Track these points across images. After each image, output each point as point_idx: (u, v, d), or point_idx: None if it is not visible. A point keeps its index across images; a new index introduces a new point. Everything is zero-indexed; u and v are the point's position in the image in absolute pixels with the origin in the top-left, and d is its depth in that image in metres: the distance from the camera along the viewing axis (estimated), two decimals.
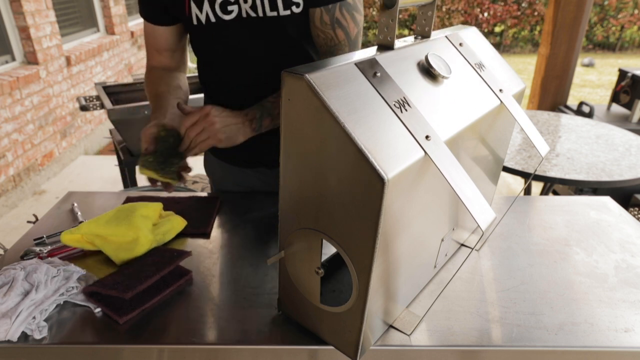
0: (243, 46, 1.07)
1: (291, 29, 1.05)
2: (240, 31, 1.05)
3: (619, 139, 2.29)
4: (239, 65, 1.11)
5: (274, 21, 1.02)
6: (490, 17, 8.69)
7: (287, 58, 1.08)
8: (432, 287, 0.89)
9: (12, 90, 3.02)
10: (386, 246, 0.62)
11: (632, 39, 8.87)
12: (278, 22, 1.03)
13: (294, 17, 1.02)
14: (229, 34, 1.05)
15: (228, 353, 0.75)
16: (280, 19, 1.02)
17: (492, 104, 0.80)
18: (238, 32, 1.05)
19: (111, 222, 0.97)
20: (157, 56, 1.19)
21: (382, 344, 0.75)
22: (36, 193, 3.30)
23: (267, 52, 1.07)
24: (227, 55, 1.10)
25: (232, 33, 1.05)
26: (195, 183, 3.37)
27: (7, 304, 0.76)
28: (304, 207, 0.66)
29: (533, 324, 0.79)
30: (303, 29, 1.06)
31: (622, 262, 0.97)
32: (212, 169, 1.38)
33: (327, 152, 0.59)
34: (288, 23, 1.03)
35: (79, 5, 4.34)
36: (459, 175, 0.62)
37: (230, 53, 1.09)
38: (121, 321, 0.77)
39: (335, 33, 1.03)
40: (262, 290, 0.87)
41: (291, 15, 1.02)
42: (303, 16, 1.03)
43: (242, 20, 1.03)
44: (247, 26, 1.04)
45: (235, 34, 1.05)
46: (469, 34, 0.90)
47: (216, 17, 1.03)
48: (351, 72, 0.62)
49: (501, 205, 1.20)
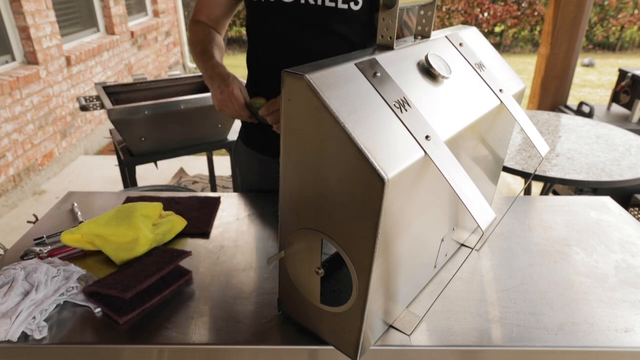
0: (295, 32, 1.08)
1: (343, 23, 1.07)
2: (294, 16, 1.06)
3: (619, 139, 2.28)
4: (288, 51, 1.12)
5: (330, 12, 1.04)
6: (490, 17, 8.69)
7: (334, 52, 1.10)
8: (432, 287, 0.89)
9: (12, 90, 3.02)
10: (386, 246, 0.62)
11: (632, 39, 8.87)
12: (333, 14, 1.05)
13: (350, 13, 1.05)
14: (284, 16, 1.06)
15: (228, 353, 0.75)
16: (336, 11, 1.04)
17: (492, 104, 0.80)
18: (292, 17, 1.06)
19: (111, 222, 0.97)
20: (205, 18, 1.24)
21: (382, 344, 0.75)
22: (36, 193, 3.30)
23: (317, 41, 1.09)
24: (278, 38, 1.11)
25: (286, 16, 1.06)
26: (195, 183, 3.37)
27: (7, 304, 0.76)
28: (304, 207, 0.66)
29: (533, 324, 0.79)
30: (355, 27, 1.08)
31: (622, 262, 0.97)
32: (240, 160, 1.39)
33: (327, 152, 0.59)
34: (342, 17, 1.05)
35: (79, 5, 4.33)
36: (459, 175, 0.62)
37: (281, 37, 1.10)
38: (121, 321, 0.77)
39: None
40: (262, 290, 0.87)
41: (348, 10, 1.04)
42: (359, 14, 1.06)
43: (299, 6, 1.04)
44: (302, 12, 1.05)
45: (290, 18, 1.06)
46: (469, 34, 0.90)
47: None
48: (351, 72, 0.62)
49: (501, 205, 1.20)
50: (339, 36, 1.09)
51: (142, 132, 2.16)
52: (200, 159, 3.75)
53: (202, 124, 2.30)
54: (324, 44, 1.09)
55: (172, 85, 2.57)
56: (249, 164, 1.34)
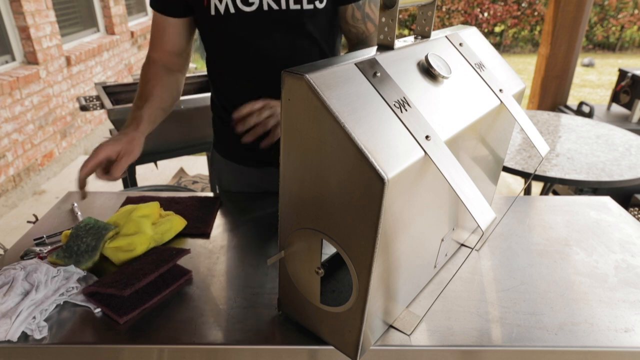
0: (259, 40, 1.05)
1: (311, 24, 1.05)
2: (258, 24, 1.03)
3: (619, 139, 2.28)
4: (253, 61, 1.08)
5: (295, 15, 1.02)
6: (490, 17, 8.69)
7: (303, 54, 1.09)
8: (432, 287, 0.89)
9: (12, 90, 3.02)
10: (386, 246, 0.62)
11: (632, 39, 8.87)
12: (299, 16, 1.03)
13: (315, 12, 1.03)
14: (247, 27, 1.04)
15: (228, 353, 0.75)
16: (302, 13, 1.02)
17: (492, 104, 0.80)
18: (256, 26, 1.03)
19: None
20: (161, 53, 1.16)
21: (382, 344, 0.75)
22: (36, 193, 3.30)
23: (283, 47, 1.06)
24: (241, 49, 1.08)
25: (249, 26, 1.04)
26: (195, 183, 3.37)
27: (7, 304, 0.76)
28: (303, 207, 0.66)
29: (533, 324, 0.79)
30: (322, 25, 1.07)
31: (622, 262, 0.97)
32: (219, 171, 1.35)
33: (327, 152, 0.59)
34: (309, 18, 1.04)
35: (79, 5, 4.34)
36: (459, 175, 0.62)
37: (245, 47, 1.07)
38: (121, 321, 0.77)
39: (366, 27, 1.09)
40: (262, 290, 0.87)
41: (313, 10, 1.03)
42: (323, 12, 1.04)
43: (262, 13, 1.02)
44: (266, 19, 1.03)
45: (253, 28, 1.04)
46: (469, 34, 0.90)
47: (236, 8, 1.01)
48: (351, 72, 0.62)
49: (501, 205, 1.20)
50: (307, 37, 1.07)
51: None
52: (200, 159, 3.75)
53: (202, 124, 2.30)
54: (291, 47, 1.07)
55: None
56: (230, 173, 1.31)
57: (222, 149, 1.30)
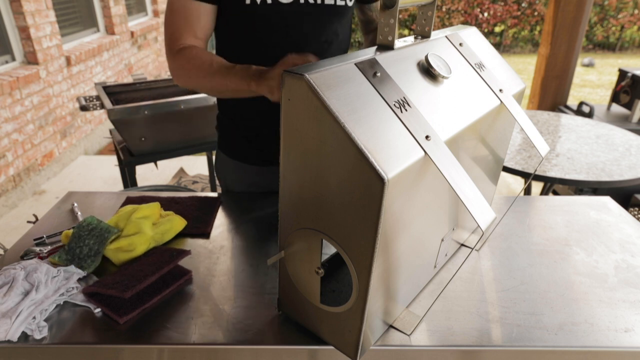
0: (290, 33, 1.06)
1: (337, 20, 1.08)
2: (292, 17, 1.03)
3: (619, 139, 2.28)
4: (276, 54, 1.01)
5: (328, 10, 1.05)
6: (490, 17, 8.69)
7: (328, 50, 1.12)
8: (432, 287, 0.89)
9: (12, 90, 3.02)
10: (386, 246, 0.62)
11: (632, 39, 8.87)
12: (331, 11, 1.05)
13: (344, 9, 1.07)
14: (281, 18, 1.03)
15: (228, 353, 0.75)
16: (334, 8, 1.05)
17: (492, 104, 0.80)
18: (289, 18, 1.03)
19: None
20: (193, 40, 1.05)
21: (382, 344, 0.75)
22: (36, 193, 3.30)
23: (311, 41, 1.08)
24: (266, 41, 1.06)
25: (283, 17, 1.03)
26: (195, 183, 3.37)
27: (7, 304, 0.76)
28: (303, 207, 0.66)
29: (533, 324, 0.79)
30: (346, 22, 1.11)
31: (622, 262, 0.97)
32: (225, 171, 1.34)
33: (327, 152, 0.59)
34: (338, 14, 1.07)
35: (79, 5, 4.33)
36: (459, 175, 0.62)
37: (274, 39, 1.06)
38: (121, 321, 0.77)
39: None
40: (262, 290, 0.87)
41: (344, 6, 1.06)
42: (350, 10, 1.09)
43: (298, 6, 1.02)
44: (300, 12, 1.03)
45: (287, 19, 1.04)
46: (469, 34, 0.90)
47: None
48: (351, 72, 0.62)
49: (501, 205, 1.20)
50: (333, 32, 1.10)
51: (142, 132, 2.16)
52: (200, 159, 3.75)
53: (202, 124, 2.30)
54: (318, 43, 1.09)
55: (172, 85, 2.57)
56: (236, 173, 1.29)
57: (226, 147, 1.30)
